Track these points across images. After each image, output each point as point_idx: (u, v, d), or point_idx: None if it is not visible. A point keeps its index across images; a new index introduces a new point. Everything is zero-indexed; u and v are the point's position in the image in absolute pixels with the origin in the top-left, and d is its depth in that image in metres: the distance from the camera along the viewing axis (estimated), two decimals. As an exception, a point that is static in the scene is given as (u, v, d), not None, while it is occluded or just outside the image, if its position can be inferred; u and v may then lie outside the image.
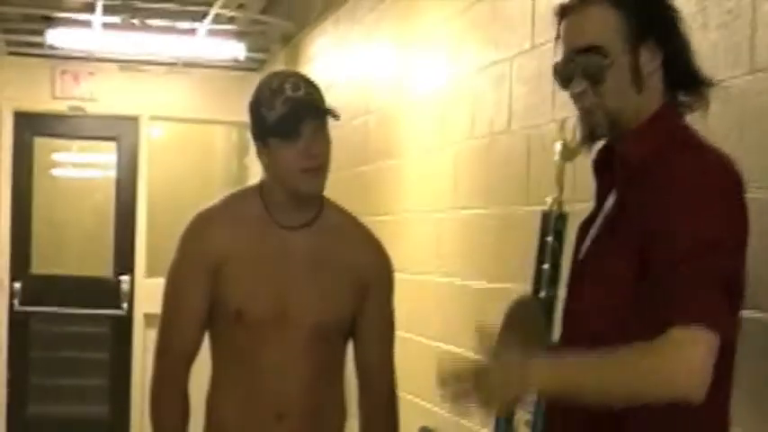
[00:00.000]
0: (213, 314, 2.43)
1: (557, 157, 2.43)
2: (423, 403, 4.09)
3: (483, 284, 3.61)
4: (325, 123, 2.39)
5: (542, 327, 2.29)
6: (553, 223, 2.43)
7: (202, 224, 2.47)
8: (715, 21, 2.30)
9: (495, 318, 2.72)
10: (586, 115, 1.86)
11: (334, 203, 2.55)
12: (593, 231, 1.90)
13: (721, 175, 1.73)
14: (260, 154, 2.42)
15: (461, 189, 3.90)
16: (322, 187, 2.42)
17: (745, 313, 1.77)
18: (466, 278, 3.80)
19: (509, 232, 3.40)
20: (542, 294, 2.41)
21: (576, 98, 1.86)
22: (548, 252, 2.42)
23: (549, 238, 2.43)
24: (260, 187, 2.49)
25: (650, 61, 1.81)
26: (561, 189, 2.44)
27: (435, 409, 3.99)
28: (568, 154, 2.38)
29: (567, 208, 2.38)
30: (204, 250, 2.42)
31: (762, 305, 1.98)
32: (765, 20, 2.16)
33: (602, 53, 1.81)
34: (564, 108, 3.00)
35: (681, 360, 1.59)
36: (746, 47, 2.21)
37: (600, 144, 1.93)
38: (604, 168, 1.92)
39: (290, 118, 2.33)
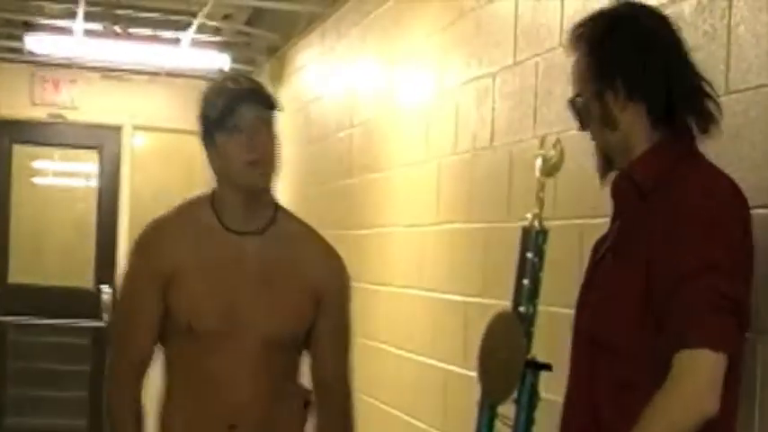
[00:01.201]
0: (164, 325, 2.41)
1: (537, 173, 2.43)
2: (405, 417, 4.08)
3: (465, 299, 3.60)
4: (270, 119, 2.38)
5: (522, 341, 2.30)
6: (533, 239, 2.43)
7: (153, 235, 2.46)
8: (691, 42, 2.31)
9: (478, 332, 2.71)
10: (595, 152, 1.99)
11: (289, 212, 2.52)
12: (601, 252, 1.97)
13: (727, 199, 1.80)
14: (209, 156, 2.40)
15: (444, 204, 3.89)
16: (268, 181, 2.40)
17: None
18: (448, 292, 3.79)
19: (491, 247, 3.39)
20: (522, 309, 2.41)
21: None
22: (528, 268, 2.42)
23: (530, 254, 2.43)
24: (211, 195, 2.45)
25: (617, 99, 1.89)
26: (542, 205, 2.45)
27: (417, 423, 3.98)
28: (549, 170, 2.38)
29: (547, 224, 2.38)
30: (155, 262, 2.41)
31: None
32: (740, 42, 2.17)
33: (581, 98, 1.95)
34: (546, 124, 3.00)
35: (690, 389, 1.70)
36: (722, 69, 2.22)
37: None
38: (619, 195, 1.98)
39: (230, 108, 2.33)
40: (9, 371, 7.25)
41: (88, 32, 6.27)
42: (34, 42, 6.36)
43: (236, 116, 2.34)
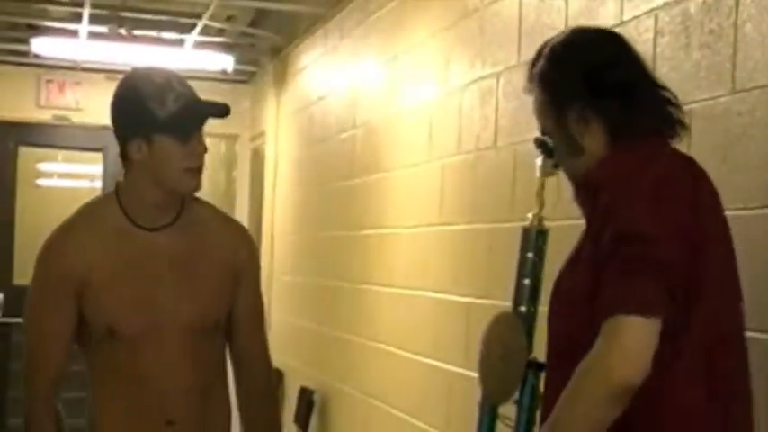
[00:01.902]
0: (84, 331, 2.35)
1: (537, 173, 2.43)
2: (408, 419, 4.07)
3: (469, 300, 3.59)
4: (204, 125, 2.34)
5: (523, 341, 2.30)
6: (534, 239, 2.42)
7: (59, 242, 2.37)
8: (697, 41, 2.30)
9: (481, 333, 2.70)
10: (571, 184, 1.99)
11: (193, 198, 2.45)
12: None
13: (660, 167, 1.78)
14: (133, 150, 2.28)
15: (447, 204, 3.88)
16: (199, 185, 2.35)
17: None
18: (452, 293, 3.78)
19: (495, 248, 3.38)
20: (523, 309, 2.39)
21: None
22: (528, 267, 2.41)
23: (530, 254, 2.42)
24: (116, 193, 2.38)
25: (575, 125, 1.90)
26: (542, 205, 2.45)
27: (420, 424, 3.96)
28: (549, 170, 2.38)
29: (549, 224, 2.37)
30: (64, 269, 2.32)
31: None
32: (747, 40, 2.16)
33: (547, 140, 1.99)
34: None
35: (613, 352, 1.65)
36: (728, 67, 2.21)
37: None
38: (578, 200, 1.98)
39: (186, 116, 2.26)
40: (12, 372, 7.25)
41: (93, 35, 6.27)
42: (40, 45, 6.36)
43: (187, 124, 2.28)
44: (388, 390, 4.35)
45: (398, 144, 4.44)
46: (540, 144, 2.04)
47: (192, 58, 6.67)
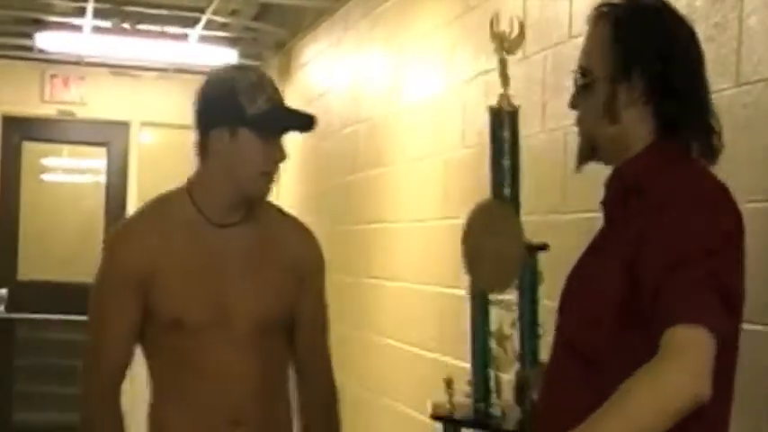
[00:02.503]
0: (149, 325, 2.31)
1: (497, 54, 2.41)
2: (411, 412, 4.06)
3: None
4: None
5: (518, 226, 2.22)
6: (507, 118, 2.37)
7: (127, 235, 2.36)
8: (702, 34, 2.28)
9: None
10: (578, 134, 1.84)
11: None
12: (588, 245, 1.86)
13: (716, 193, 1.69)
14: (214, 139, 2.28)
15: (451, 198, 3.87)
16: (269, 192, 2.36)
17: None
18: (455, 287, 3.77)
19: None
20: (507, 192, 2.34)
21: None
22: (506, 148, 2.36)
23: (506, 133, 2.36)
24: (188, 187, 2.37)
25: (629, 94, 1.74)
26: (507, 83, 2.39)
27: (423, 418, 3.96)
28: (510, 46, 2.37)
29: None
30: (131, 263, 2.29)
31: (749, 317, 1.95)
32: (752, 33, 2.16)
33: (585, 75, 1.79)
34: (554, 118, 2.98)
35: (685, 364, 1.50)
36: (733, 60, 2.20)
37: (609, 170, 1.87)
38: (607, 193, 1.85)
39: (272, 119, 2.27)
40: (18, 367, 7.26)
41: (97, 29, 6.26)
42: (44, 40, 6.36)
43: (273, 126, 2.28)
44: (392, 383, 4.35)
45: (402, 138, 4.43)
46: (579, 82, 1.81)
47: (195, 52, 6.67)
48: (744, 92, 2.16)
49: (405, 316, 4.23)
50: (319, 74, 5.92)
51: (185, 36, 6.47)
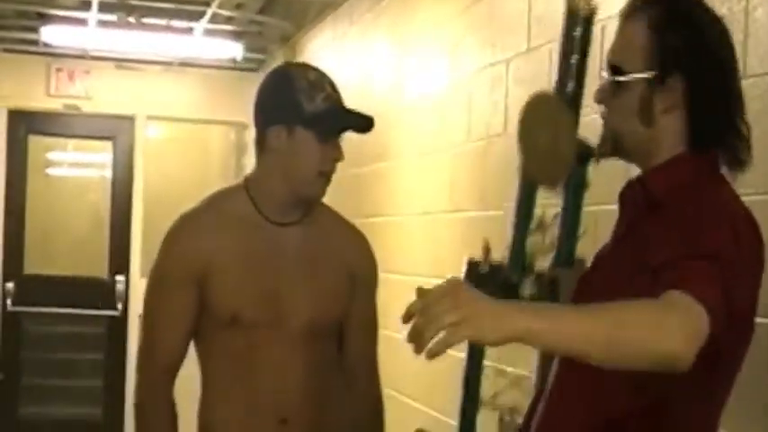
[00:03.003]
0: (204, 321, 2.33)
1: None
2: (417, 405, 4.06)
3: (479, 288, 3.58)
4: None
5: (572, 120, 2.13)
6: (581, 18, 2.24)
7: (187, 228, 2.36)
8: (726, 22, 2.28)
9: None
10: (602, 128, 1.77)
11: (320, 201, 2.47)
12: (600, 252, 1.82)
13: (741, 219, 1.62)
14: (272, 136, 2.29)
15: (458, 192, 3.87)
16: (324, 193, 2.37)
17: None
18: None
19: (506, 235, 3.37)
20: (570, 89, 2.24)
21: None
22: (577, 45, 2.24)
23: (578, 31, 2.23)
24: (245, 184, 2.39)
25: (666, 98, 1.67)
26: None
27: (430, 411, 3.96)
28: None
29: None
30: (190, 256, 2.31)
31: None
32: (758, 26, 2.15)
33: (618, 72, 1.70)
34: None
35: (685, 323, 1.42)
36: (739, 52, 2.18)
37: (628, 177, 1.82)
38: (627, 202, 1.79)
39: (331, 118, 2.28)
40: (24, 361, 7.28)
41: (102, 23, 6.26)
42: (49, 34, 6.36)
43: (331, 126, 2.29)
44: (399, 378, 4.35)
45: (408, 131, 4.43)
46: (614, 71, 1.71)
47: (201, 46, 6.66)
48: (750, 84, 2.15)
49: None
50: (324, 67, 5.90)
51: (190, 30, 6.47)
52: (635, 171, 1.79)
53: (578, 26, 2.26)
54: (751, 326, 1.65)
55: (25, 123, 7.34)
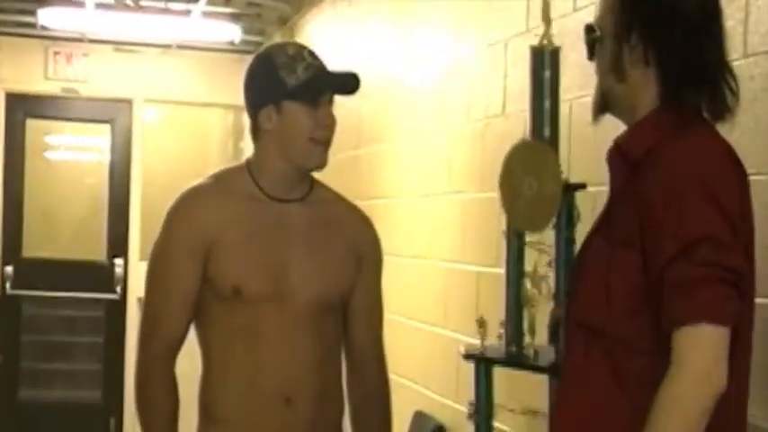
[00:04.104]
0: (206, 295, 2.32)
1: None
2: (416, 387, 4.07)
3: (478, 268, 3.58)
4: (333, 100, 2.35)
5: (556, 166, 2.23)
6: (549, 57, 2.36)
7: (190, 202, 2.36)
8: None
9: (491, 302, 2.67)
10: (596, 88, 1.89)
11: (322, 182, 2.48)
12: (594, 224, 1.86)
13: (720, 166, 1.68)
14: (264, 119, 2.31)
15: (457, 173, 3.86)
16: (325, 162, 2.36)
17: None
18: (461, 262, 3.77)
19: (504, 217, 3.36)
20: (547, 133, 2.33)
21: None
22: (546, 88, 2.35)
23: (547, 73, 2.35)
24: (247, 165, 2.39)
25: (632, 54, 1.77)
26: (549, 23, 2.38)
27: (428, 393, 3.97)
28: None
29: (557, 42, 2.33)
30: (193, 229, 2.31)
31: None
32: (759, 4, 2.14)
33: (594, 31, 1.84)
34: (566, 90, 2.95)
35: (693, 369, 1.58)
36: (740, 31, 2.18)
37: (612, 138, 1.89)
38: (612, 166, 1.86)
39: (315, 83, 2.28)
40: (23, 344, 7.28)
41: (99, 5, 6.23)
42: (46, 16, 6.33)
43: (316, 91, 2.29)
44: (396, 359, 4.34)
45: (407, 112, 4.42)
46: (590, 37, 1.87)
47: (199, 28, 6.64)
48: (751, 63, 2.14)
49: (410, 291, 4.22)
50: (323, 49, 5.87)
51: (188, 12, 6.44)
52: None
53: (546, 68, 2.33)
54: (751, 280, 1.72)
55: (23, 107, 7.32)
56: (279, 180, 2.36)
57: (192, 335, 2.41)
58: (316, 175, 2.44)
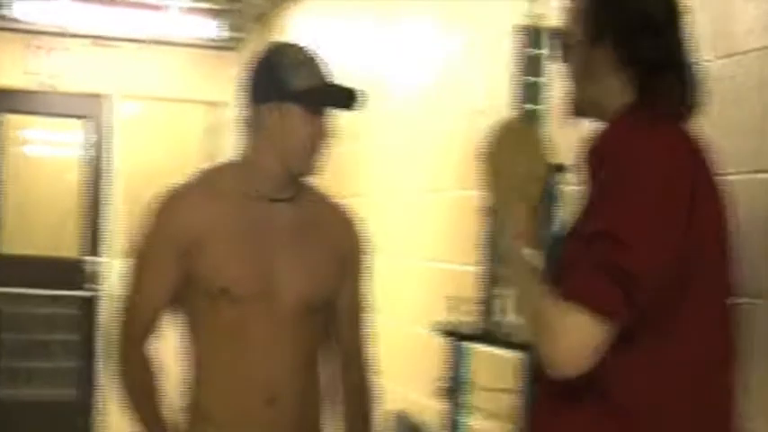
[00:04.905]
0: (192, 293, 2.33)
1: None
2: (397, 387, 4.06)
3: (460, 267, 3.58)
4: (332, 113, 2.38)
5: (539, 144, 2.22)
6: (534, 36, 2.38)
7: (177, 200, 2.36)
8: (690, 3, 2.28)
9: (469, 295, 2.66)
10: (568, 89, 1.92)
11: (311, 183, 2.48)
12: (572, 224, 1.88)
13: (667, 162, 1.69)
14: (265, 116, 2.31)
15: (443, 170, 3.85)
16: (310, 170, 2.37)
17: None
18: (442, 261, 3.76)
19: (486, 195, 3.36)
20: (530, 107, 2.35)
21: None
22: (531, 65, 2.36)
23: (532, 50, 2.36)
24: (238, 162, 2.40)
25: (602, 58, 1.82)
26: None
27: (409, 393, 3.96)
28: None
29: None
30: (178, 227, 2.31)
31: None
32: (726, 7, 2.17)
33: (566, 36, 1.88)
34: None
35: (559, 343, 1.63)
36: (709, 34, 2.20)
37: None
38: (584, 164, 1.86)
39: (320, 92, 2.31)
40: (1, 342, 7.22)
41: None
42: (22, 9, 6.28)
43: (317, 99, 2.31)
44: (379, 359, 4.34)
45: (389, 108, 4.41)
46: (563, 41, 1.91)
47: (178, 24, 6.61)
48: (722, 65, 2.15)
49: (392, 290, 4.22)
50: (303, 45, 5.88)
51: (167, 7, 6.40)
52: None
53: (531, 46, 2.34)
54: (719, 272, 1.75)
55: (0, 101, 7.26)
56: (271, 179, 2.36)
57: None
58: None
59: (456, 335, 2.52)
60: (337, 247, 2.43)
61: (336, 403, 2.50)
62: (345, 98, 2.36)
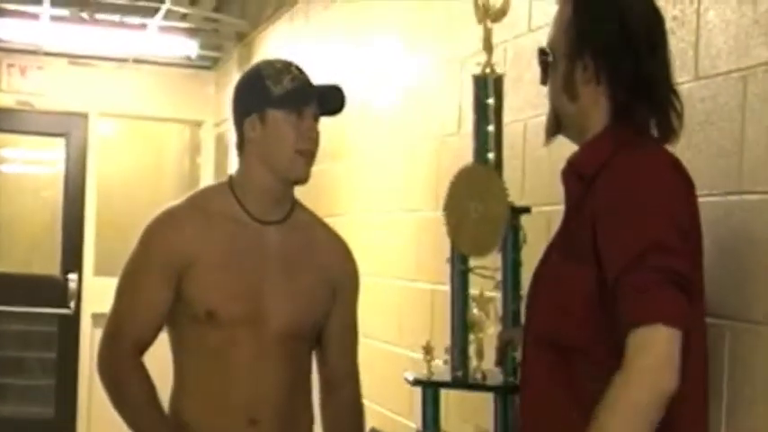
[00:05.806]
0: (180, 315, 2.32)
1: (481, 22, 2.46)
2: (371, 405, 4.05)
3: (433, 287, 3.58)
4: (318, 118, 2.37)
5: (502, 188, 2.27)
6: (492, 84, 2.42)
7: (169, 222, 2.35)
8: (675, 24, 2.30)
9: (445, 321, 2.67)
10: (549, 109, 1.94)
11: (302, 203, 2.49)
12: (551, 240, 1.90)
13: (663, 177, 1.73)
14: (248, 129, 2.32)
15: (412, 191, 3.87)
16: (308, 175, 2.36)
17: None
18: (415, 280, 3.77)
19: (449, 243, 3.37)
20: (491, 156, 2.38)
21: None
22: (490, 114, 2.40)
23: (490, 101, 2.41)
24: (229, 183, 2.39)
25: (584, 74, 1.83)
26: (490, 52, 2.43)
27: (382, 410, 3.96)
28: (496, 14, 2.48)
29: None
30: (169, 249, 2.31)
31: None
32: (709, 28, 2.17)
33: (548, 53, 1.90)
34: (514, 110, 2.98)
35: (645, 363, 1.60)
36: (691, 54, 2.21)
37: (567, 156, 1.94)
38: (566, 182, 1.91)
39: (300, 92, 2.30)
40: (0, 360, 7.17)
41: (55, 18, 6.19)
42: (1, 28, 6.27)
43: (300, 101, 2.30)
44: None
45: (363, 129, 4.42)
46: (542, 54, 1.93)
47: (155, 43, 6.61)
48: (702, 86, 2.17)
49: (365, 309, 4.21)
50: (280, 65, 5.89)
51: (144, 26, 6.41)
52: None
53: (489, 95, 2.38)
54: (701, 291, 1.77)
55: (-23, 120, 7.23)
56: (262, 195, 2.35)
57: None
58: None
59: (430, 384, 2.52)
60: (327, 273, 2.41)
61: (324, 422, 2.50)
62: (328, 97, 2.36)
